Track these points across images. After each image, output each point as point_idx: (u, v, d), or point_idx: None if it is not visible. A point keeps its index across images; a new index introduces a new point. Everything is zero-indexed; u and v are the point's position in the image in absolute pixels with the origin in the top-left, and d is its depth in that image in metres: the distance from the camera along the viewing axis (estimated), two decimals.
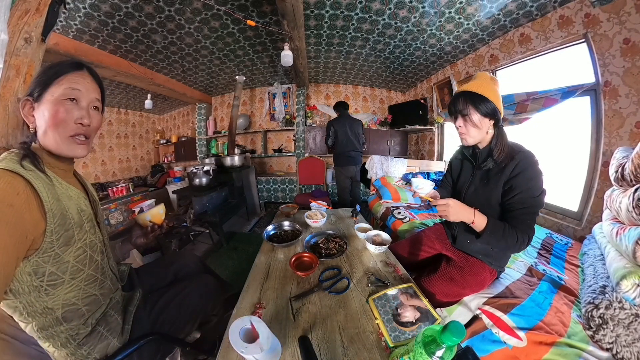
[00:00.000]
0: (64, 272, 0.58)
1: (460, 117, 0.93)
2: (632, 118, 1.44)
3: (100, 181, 4.13)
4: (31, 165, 0.55)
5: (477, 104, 0.88)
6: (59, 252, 0.57)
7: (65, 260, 0.58)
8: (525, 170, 0.85)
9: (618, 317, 0.79)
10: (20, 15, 1.03)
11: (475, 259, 1.05)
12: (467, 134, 0.94)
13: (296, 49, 2.37)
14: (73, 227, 0.60)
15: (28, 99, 0.60)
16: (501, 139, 0.92)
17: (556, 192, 1.98)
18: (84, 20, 1.99)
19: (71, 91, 0.61)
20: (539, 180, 0.86)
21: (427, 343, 0.45)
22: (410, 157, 3.80)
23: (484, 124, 0.91)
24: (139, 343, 0.67)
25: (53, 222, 0.55)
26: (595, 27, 1.58)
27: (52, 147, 0.61)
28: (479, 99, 0.88)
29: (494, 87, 0.91)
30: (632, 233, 0.92)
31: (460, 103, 0.92)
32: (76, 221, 0.62)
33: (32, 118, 0.61)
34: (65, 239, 0.58)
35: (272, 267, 1.02)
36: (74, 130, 0.62)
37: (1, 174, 0.50)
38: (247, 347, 0.53)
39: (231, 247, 2.48)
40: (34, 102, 0.60)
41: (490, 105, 0.88)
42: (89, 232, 0.66)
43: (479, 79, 0.93)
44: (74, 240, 0.60)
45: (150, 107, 3.82)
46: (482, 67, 2.55)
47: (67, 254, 0.59)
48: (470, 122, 0.91)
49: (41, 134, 0.60)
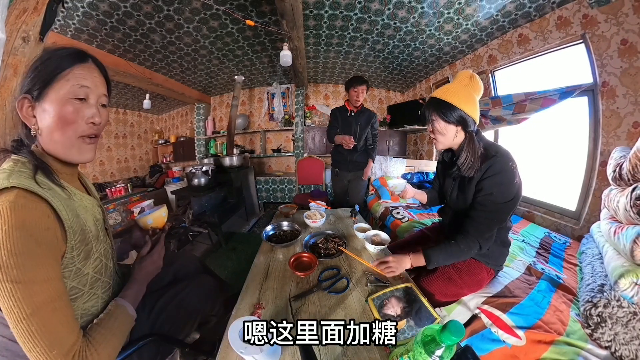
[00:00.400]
0: (84, 285, 0.57)
1: (429, 123, 0.95)
2: (630, 118, 1.45)
3: (99, 182, 4.12)
4: (46, 180, 0.51)
5: (441, 110, 0.88)
6: (79, 267, 0.55)
7: (85, 272, 0.57)
8: (496, 175, 0.84)
9: (616, 316, 0.80)
10: (18, 14, 1.02)
11: (472, 259, 1.05)
12: (436, 139, 0.95)
13: (295, 49, 2.37)
14: (91, 240, 0.59)
15: (26, 97, 0.52)
16: (470, 146, 0.89)
17: (554, 192, 2.00)
18: (82, 20, 1.98)
19: (79, 89, 0.54)
20: (508, 187, 0.84)
21: (427, 342, 0.45)
22: (409, 157, 3.81)
23: (448, 131, 0.90)
24: (138, 344, 0.67)
25: (74, 239, 0.53)
26: (593, 28, 1.59)
27: (60, 152, 0.55)
28: (444, 106, 0.88)
29: (467, 91, 0.88)
30: (630, 232, 0.93)
31: (427, 109, 0.93)
32: (94, 233, 0.60)
33: (32, 119, 0.53)
34: (85, 253, 0.57)
35: (271, 268, 1.02)
36: (85, 130, 0.56)
37: (21, 195, 0.45)
38: (246, 348, 0.53)
39: (230, 248, 2.47)
40: (34, 100, 0.52)
41: (455, 113, 0.86)
42: (103, 241, 0.65)
43: (454, 81, 0.93)
44: (92, 252, 0.59)
45: (148, 107, 3.81)
46: (480, 68, 2.56)
47: (87, 267, 0.57)
48: (435, 129, 0.92)
49: (45, 137, 0.54)
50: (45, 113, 0.52)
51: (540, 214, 1.97)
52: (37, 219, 0.45)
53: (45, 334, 0.43)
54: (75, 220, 0.54)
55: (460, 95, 0.87)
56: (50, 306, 0.45)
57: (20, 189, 0.45)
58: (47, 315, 0.44)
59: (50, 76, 0.52)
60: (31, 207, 0.45)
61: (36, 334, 0.43)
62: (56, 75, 0.52)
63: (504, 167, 0.85)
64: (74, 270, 0.54)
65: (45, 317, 0.44)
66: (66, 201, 0.54)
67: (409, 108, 3.68)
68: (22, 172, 0.48)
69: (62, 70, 0.53)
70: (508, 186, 0.84)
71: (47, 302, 0.45)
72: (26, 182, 0.47)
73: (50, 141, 0.54)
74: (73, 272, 0.54)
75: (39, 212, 0.46)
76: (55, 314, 0.45)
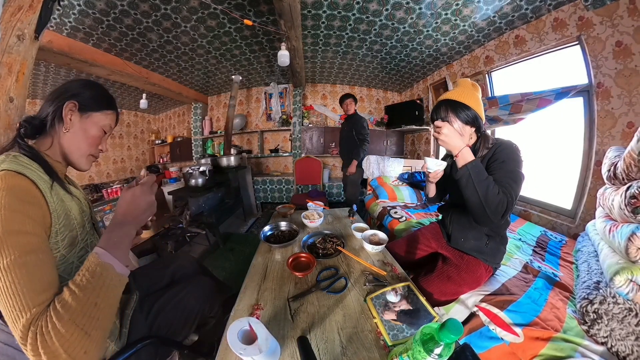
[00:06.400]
0: (69, 274, 0.59)
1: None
2: (624, 118, 1.47)
3: (95, 182, 4.08)
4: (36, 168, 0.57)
5: (458, 111, 0.90)
6: (64, 253, 0.58)
7: (70, 261, 0.59)
8: (505, 150, 0.89)
9: (612, 312, 0.81)
10: (13, 12, 1.01)
11: (471, 257, 1.06)
12: None
13: (293, 48, 2.37)
14: (76, 228, 0.63)
15: (75, 104, 0.65)
16: (485, 143, 0.94)
17: (550, 191, 2.02)
18: (79, 18, 1.96)
19: (109, 128, 0.73)
20: (517, 158, 0.88)
21: (426, 341, 0.46)
22: (406, 157, 3.82)
23: (465, 131, 0.92)
24: (136, 347, 0.66)
25: (58, 223, 0.56)
26: (588, 29, 1.61)
27: (71, 153, 0.68)
28: (460, 107, 0.90)
29: (475, 93, 0.92)
30: (625, 230, 0.94)
31: (442, 111, 0.93)
32: (79, 221, 0.64)
33: (69, 121, 0.65)
34: (70, 239, 0.60)
35: (269, 268, 1.02)
36: (94, 152, 0.72)
37: (10, 173, 0.50)
38: (245, 349, 0.52)
39: (228, 248, 2.46)
40: (78, 111, 0.66)
41: (471, 113, 0.89)
42: (89, 233, 0.68)
43: (461, 86, 0.94)
44: (77, 240, 0.62)
45: (145, 107, 3.77)
46: (477, 68, 2.57)
47: (72, 255, 0.60)
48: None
49: (68, 138, 0.66)
50: (82, 125, 0.67)
51: (536, 213, 1.99)
52: (23, 187, 0.51)
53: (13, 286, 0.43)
54: (60, 204, 0.59)
55: (473, 97, 0.91)
56: (21, 260, 0.45)
57: (10, 171, 0.51)
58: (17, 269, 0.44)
59: (101, 106, 0.70)
60: (19, 178, 0.51)
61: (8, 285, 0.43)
62: (104, 109, 0.70)
63: (509, 145, 0.91)
64: (59, 257, 0.57)
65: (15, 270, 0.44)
66: (50, 186, 0.58)
67: (406, 108, 3.69)
68: (13, 161, 0.54)
69: (109, 108, 0.72)
70: (517, 157, 0.88)
71: (20, 255, 0.45)
72: (15, 166, 0.52)
73: (71, 143, 0.67)
74: (58, 258, 0.57)
75: (25, 184, 0.52)
76: (24, 268, 0.44)
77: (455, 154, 0.85)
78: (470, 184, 0.81)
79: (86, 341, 0.43)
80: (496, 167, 0.88)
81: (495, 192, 0.79)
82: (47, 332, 0.41)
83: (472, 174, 0.81)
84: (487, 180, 0.81)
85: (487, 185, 0.79)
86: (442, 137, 0.86)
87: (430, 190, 1.20)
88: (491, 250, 1.03)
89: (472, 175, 0.81)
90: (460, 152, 0.84)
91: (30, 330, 0.41)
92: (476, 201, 0.81)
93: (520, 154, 0.89)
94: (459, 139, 0.85)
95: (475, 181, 0.80)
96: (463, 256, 1.08)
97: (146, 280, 0.97)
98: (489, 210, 0.79)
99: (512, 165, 0.86)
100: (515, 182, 0.83)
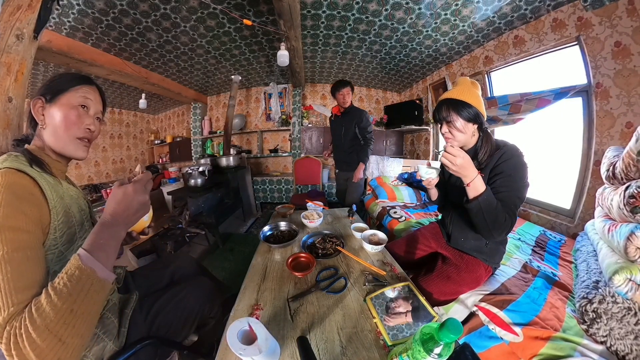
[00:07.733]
0: None
1: (445, 123, 0.95)
2: (623, 118, 1.47)
3: (94, 182, 4.06)
4: (36, 167, 0.59)
5: (459, 109, 0.91)
6: (62, 250, 0.58)
7: (68, 259, 0.58)
8: (510, 159, 0.89)
9: (611, 311, 0.81)
10: (12, 12, 1.01)
11: (470, 257, 1.06)
12: (454, 139, 0.96)
13: (292, 48, 2.37)
14: (75, 225, 0.63)
15: (40, 99, 0.64)
16: (487, 141, 0.94)
17: (549, 191, 2.02)
18: (78, 18, 1.95)
19: (85, 99, 0.68)
20: (523, 170, 0.88)
21: (425, 340, 0.46)
22: (405, 157, 3.82)
23: (467, 129, 0.93)
24: (135, 347, 0.66)
25: (57, 219, 0.57)
26: (587, 30, 1.62)
27: (59, 145, 0.66)
28: (461, 105, 0.90)
29: (475, 91, 0.93)
30: (624, 229, 0.94)
31: (443, 110, 0.94)
32: (78, 219, 0.65)
33: (41, 117, 0.64)
34: (69, 237, 0.60)
35: (269, 268, 1.02)
36: (82, 133, 0.68)
37: (11, 171, 0.52)
38: (245, 349, 0.52)
39: (227, 249, 2.46)
40: (46, 103, 0.64)
41: (472, 110, 0.90)
42: (88, 231, 0.68)
43: (460, 85, 0.95)
44: (75, 238, 0.63)
45: (144, 107, 3.76)
46: (476, 68, 2.58)
47: (70, 252, 0.60)
48: (455, 128, 0.93)
49: (49, 133, 0.65)
50: (54, 113, 0.64)
51: (535, 213, 2.00)
52: (22, 184, 0.52)
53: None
54: (59, 201, 0.60)
55: (473, 95, 0.91)
56: (8, 256, 0.45)
57: (11, 168, 0.53)
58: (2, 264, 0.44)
59: (64, 87, 0.66)
60: (19, 176, 0.53)
61: None
62: (70, 87, 0.66)
63: (515, 152, 0.90)
64: (57, 254, 0.57)
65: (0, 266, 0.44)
66: (53, 185, 0.60)
67: (405, 108, 3.69)
68: (14, 160, 0.56)
69: (75, 85, 0.67)
70: (522, 169, 0.88)
71: (8, 251, 0.45)
72: (16, 165, 0.54)
73: (54, 136, 0.65)
74: (56, 255, 0.57)
75: (25, 181, 0.53)
76: (9, 265, 0.44)
77: (467, 182, 0.84)
78: (480, 215, 0.85)
79: (60, 348, 0.41)
80: (502, 182, 0.88)
81: (502, 219, 0.84)
82: (20, 335, 0.40)
83: (483, 207, 0.83)
84: (496, 210, 0.84)
85: (496, 214, 0.84)
86: (455, 169, 0.83)
87: (431, 195, 1.22)
88: (491, 250, 1.03)
89: (482, 207, 0.83)
90: (472, 181, 0.83)
91: (6, 330, 0.41)
92: (483, 225, 0.87)
93: (524, 159, 0.89)
94: (472, 169, 0.83)
95: (485, 212, 0.84)
96: (463, 256, 1.08)
97: (146, 280, 0.97)
98: (494, 232, 0.87)
99: (518, 181, 0.87)
100: (520, 198, 0.88)
